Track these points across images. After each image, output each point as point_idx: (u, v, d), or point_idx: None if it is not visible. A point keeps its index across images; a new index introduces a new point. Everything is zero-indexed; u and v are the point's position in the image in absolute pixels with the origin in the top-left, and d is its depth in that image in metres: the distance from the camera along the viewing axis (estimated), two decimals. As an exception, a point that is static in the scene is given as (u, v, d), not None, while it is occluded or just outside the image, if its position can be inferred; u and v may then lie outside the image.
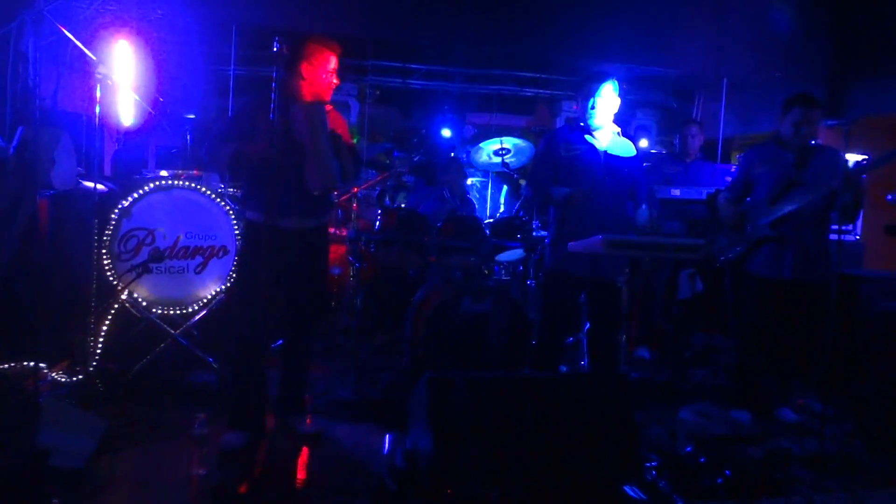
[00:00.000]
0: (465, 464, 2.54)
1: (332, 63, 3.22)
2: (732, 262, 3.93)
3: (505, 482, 2.56)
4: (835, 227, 3.58)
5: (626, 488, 2.70)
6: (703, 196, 4.73)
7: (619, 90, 3.63)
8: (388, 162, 6.72)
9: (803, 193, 3.59)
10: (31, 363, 3.47)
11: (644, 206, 3.55)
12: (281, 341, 4.24)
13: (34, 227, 3.43)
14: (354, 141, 9.50)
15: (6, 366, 3.57)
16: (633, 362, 4.87)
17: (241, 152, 3.07)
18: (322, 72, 3.19)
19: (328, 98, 3.27)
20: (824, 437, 3.29)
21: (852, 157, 4.55)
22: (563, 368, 4.15)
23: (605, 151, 3.60)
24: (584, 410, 2.77)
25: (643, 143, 7.78)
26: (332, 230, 5.26)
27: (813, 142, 3.75)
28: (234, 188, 4.51)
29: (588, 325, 4.01)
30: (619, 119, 3.71)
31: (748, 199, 3.93)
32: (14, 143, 2.90)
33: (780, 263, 3.71)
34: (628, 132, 6.28)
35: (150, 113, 5.31)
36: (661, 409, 3.76)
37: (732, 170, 6.21)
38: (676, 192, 4.83)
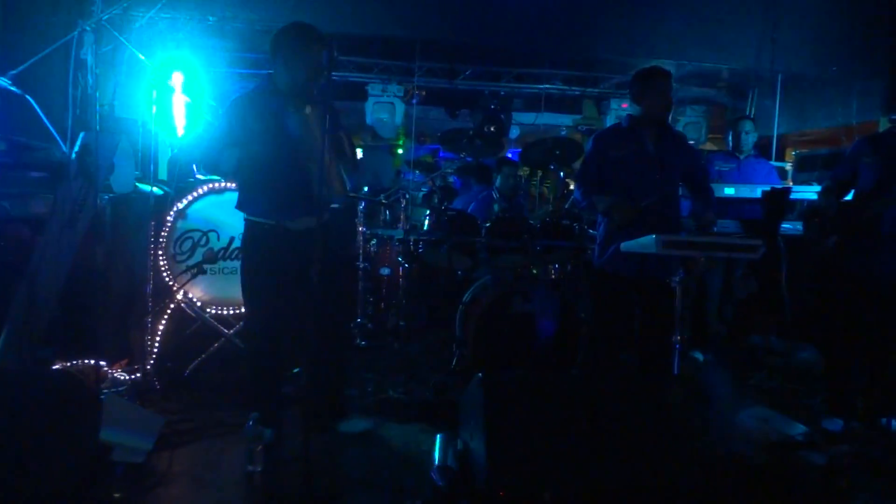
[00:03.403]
0: (518, 464, 2.52)
1: (317, 55, 2.99)
2: (822, 257, 3.71)
3: (558, 483, 2.53)
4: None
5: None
6: (758, 194, 4.61)
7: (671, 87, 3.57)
8: (434, 162, 6.75)
9: None
10: (93, 361, 3.58)
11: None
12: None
13: (95, 229, 3.54)
14: (399, 142, 9.56)
15: (69, 364, 3.69)
16: (686, 364, 4.77)
17: (242, 158, 2.99)
18: (305, 66, 3.00)
19: (310, 92, 3.06)
20: (891, 444, 3.17)
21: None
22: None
23: (658, 149, 3.53)
24: (637, 411, 2.72)
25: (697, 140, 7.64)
26: (380, 231, 5.29)
27: None
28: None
29: (640, 327, 3.94)
30: (670, 116, 3.65)
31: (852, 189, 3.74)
32: (76, 148, 2.99)
33: (873, 260, 3.48)
34: (679, 129, 6.16)
35: (203, 117, 5.44)
36: (716, 413, 3.68)
37: (787, 168, 6.06)
38: (730, 191, 4.72)
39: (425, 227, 4.33)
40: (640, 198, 3.41)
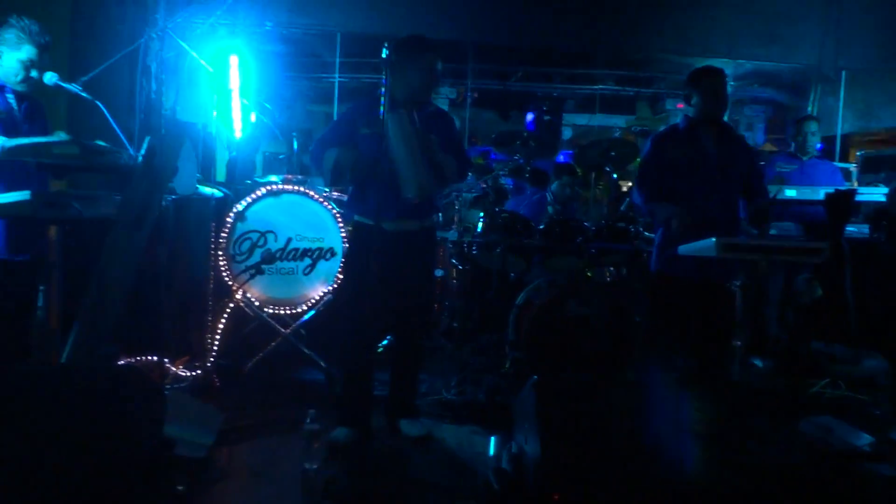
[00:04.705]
0: (572, 468, 2.50)
1: (429, 64, 3.20)
2: (890, 260, 3.59)
3: (613, 488, 2.51)
4: None
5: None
6: (821, 196, 4.48)
7: (727, 86, 3.50)
8: (486, 164, 6.74)
9: None
10: (156, 357, 3.69)
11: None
12: (386, 342, 4.36)
13: (159, 230, 3.65)
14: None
15: (133, 359, 3.82)
16: (745, 371, 4.65)
17: (339, 160, 3.17)
18: (419, 74, 3.18)
19: (425, 100, 3.29)
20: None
21: None
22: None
23: (718, 150, 3.47)
24: (693, 416, 2.68)
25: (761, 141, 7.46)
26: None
27: None
28: (338, 192, 4.65)
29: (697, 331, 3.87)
30: (727, 116, 3.58)
31: None
32: (142, 151, 3.09)
33: None
34: (736, 130, 6.01)
35: (259, 120, 5.57)
36: (776, 421, 3.58)
37: (852, 169, 5.86)
38: (792, 193, 4.59)
39: (479, 229, 4.34)
40: (699, 201, 3.35)
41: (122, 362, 3.72)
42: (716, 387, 3.21)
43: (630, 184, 7.45)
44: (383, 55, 2.97)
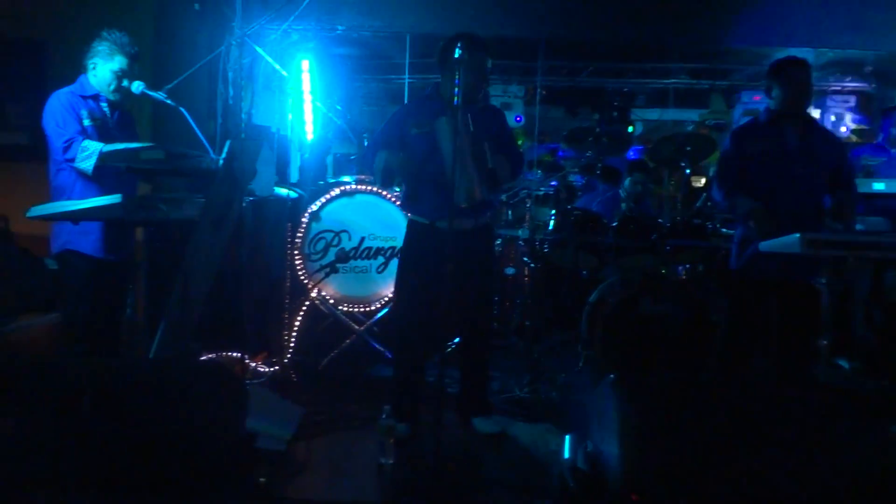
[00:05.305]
0: (653, 469, 2.46)
1: (479, 63, 3.14)
2: None
3: (693, 491, 2.45)
4: None
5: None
6: (913, 189, 4.27)
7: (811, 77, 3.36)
8: (553, 161, 6.69)
9: None
10: (237, 353, 3.82)
11: None
12: (457, 340, 4.38)
13: (238, 231, 3.77)
14: (519, 142, 9.58)
15: (214, 356, 3.96)
16: (831, 372, 4.47)
17: (388, 163, 3.22)
18: (468, 73, 3.06)
19: (474, 98, 3.24)
20: None
21: None
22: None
23: (802, 144, 3.34)
24: (777, 419, 2.59)
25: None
26: (504, 231, 5.30)
27: None
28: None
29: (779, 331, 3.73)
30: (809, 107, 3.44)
31: None
32: (223, 155, 3.20)
33: None
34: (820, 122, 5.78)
35: (331, 122, 5.69)
36: (865, 425, 3.42)
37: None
38: (880, 186, 4.38)
39: (550, 227, 4.31)
40: (782, 197, 3.23)
41: (205, 358, 3.86)
42: (800, 389, 3.10)
43: (704, 179, 7.25)
44: (455, 54, 2.98)
